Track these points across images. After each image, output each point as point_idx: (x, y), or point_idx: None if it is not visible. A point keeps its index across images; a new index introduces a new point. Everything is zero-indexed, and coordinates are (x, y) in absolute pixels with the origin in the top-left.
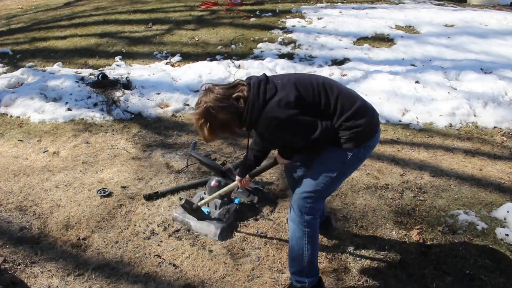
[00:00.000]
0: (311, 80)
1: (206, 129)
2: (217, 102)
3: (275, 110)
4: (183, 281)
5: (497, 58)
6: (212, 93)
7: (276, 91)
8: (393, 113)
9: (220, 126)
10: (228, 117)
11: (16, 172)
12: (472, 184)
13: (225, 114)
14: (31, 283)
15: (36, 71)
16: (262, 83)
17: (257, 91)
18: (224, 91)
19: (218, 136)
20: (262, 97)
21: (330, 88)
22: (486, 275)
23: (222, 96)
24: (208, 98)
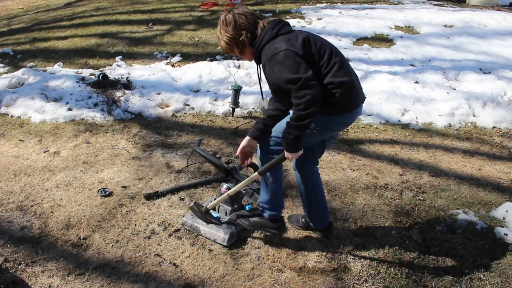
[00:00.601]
0: (322, 40)
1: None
2: (241, 12)
3: (281, 43)
4: (183, 281)
5: (496, 58)
6: (240, 8)
7: (289, 31)
8: (392, 113)
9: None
10: (245, 25)
11: (17, 172)
12: (471, 184)
13: (243, 21)
14: (32, 283)
15: (37, 71)
16: (281, 23)
17: (273, 25)
18: (250, 11)
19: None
20: (276, 30)
21: (335, 53)
22: (485, 274)
23: (247, 12)
24: (236, 10)
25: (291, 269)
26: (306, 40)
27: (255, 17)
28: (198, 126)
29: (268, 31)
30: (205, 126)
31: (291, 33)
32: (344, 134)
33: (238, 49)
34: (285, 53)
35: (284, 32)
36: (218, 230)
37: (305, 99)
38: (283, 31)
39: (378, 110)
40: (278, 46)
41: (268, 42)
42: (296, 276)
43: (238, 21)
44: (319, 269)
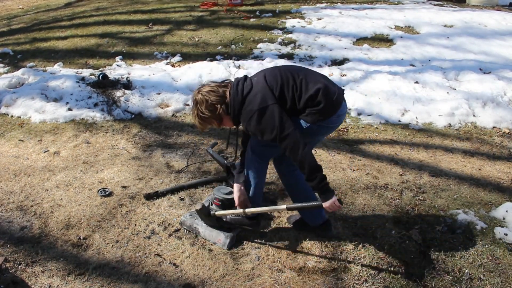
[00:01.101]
0: (279, 69)
1: (198, 111)
2: (209, 89)
3: (251, 104)
4: (183, 281)
5: (496, 58)
6: (206, 86)
7: (251, 87)
8: (392, 113)
9: (208, 108)
10: (217, 100)
11: (17, 172)
12: (471, 184)
13: (214, 97)
14: (32, 283)
15: (37, 71)
16: (240, 82)
17: (236, 89)
18: (216, 84)
19: (208, 122)
20: (240, 93)
21: (297, 72)
22: (485, 274)
23: (214, 87)
24: (203, 88)
25: (291, 269)
26: (270, 84)
27: (223, 87)
28: None
29: (234, 97)
30: None
31: (253, 88)
32: (344, 134)
33: (216, 121)
34: (258, 113)
35: (248, 91)
36: (219, 233)
37: (288, 150)
38: (247, 90)
39: (378, 110)
40: (251, 108)
41: (240, 107)
42: (296, 276)
43: (209, 99)
44: (319, 269)
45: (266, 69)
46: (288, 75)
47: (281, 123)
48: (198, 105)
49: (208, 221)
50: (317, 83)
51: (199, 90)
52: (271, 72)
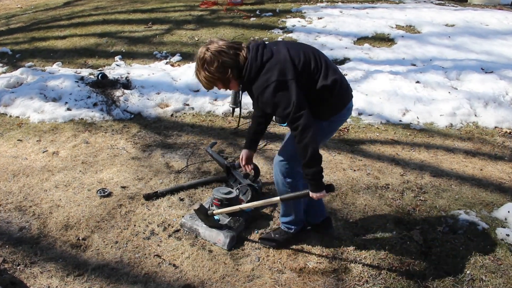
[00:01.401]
0: (303, 47)
1: (206, 71)
2: (220, 48)
3: (270, 72)
4: (183, 281)
5: (498, 58)
6: (215, 43)
7: (271, 55)
8: (393, 113)
9: (218, 70)
10: (228, 63)
11: (16, 172)
12: (472, 184)
13: (226, 58)
14: (30, 283)
15: (36, 71)
16: (260, 47)
17: (255, 53)
18: (226, 44)
19: (214, 83)
20: (259, 58)
21: (319, 56)
22: (487, 275)
23: (224, 47)
24: (211, 45)
25: (291, 270)
26: (293, 58)
27: (235, 49)
28: (198, 126)
29: (252, 62)
30: (205, 126)
31: (274, 56)
32: (344, 134)
33: (222, 85)
34: (276, 84)
35: (268, 58)
36: (219, 233)
37: (299, 130)
38: (267, 57)
39: (379, 110)
40: (268, 77)
41: (257, 73)
42: (297, 277)
43: (221, 60)
44: (319, 269)
45: (287, 41)
46: (311, 56)
47: (298, 101)
48: (206, 65)
49: (207, 221)
50: (335, 73)
51: (207, 48)
52: (294, 46)
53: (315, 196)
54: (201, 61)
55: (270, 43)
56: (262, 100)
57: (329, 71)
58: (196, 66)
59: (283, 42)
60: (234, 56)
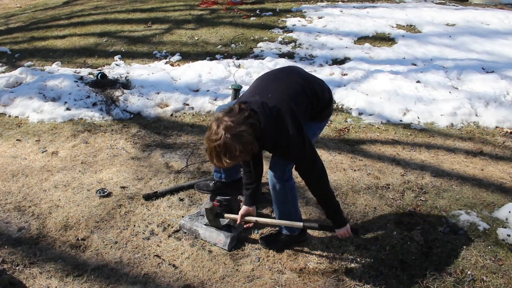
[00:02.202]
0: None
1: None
2: (238, 129)
3: (284, 128)
4: (182, 282)
5: (499, 57)
6: (225, 122)
7: (278, 109)
8: (394, 113)
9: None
10: (251, 140)
11: (15, 172)
12: (473, 184)
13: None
14: (29, 284)
15: (35, 70)
16: (265, 106)
17: (265, 116)
18: (236, 119)
19: (239, 160)
20: (272, 120)
21: (308, 81)
22: (488, 276)
23: (240, 124)
24: (225, 126)
25: (291, 270)
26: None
27: (247, 121)
28: (198, 126)
29: (266, 128)
30: (205, 126)
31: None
32: (345, 134)
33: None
34: (294, 137)
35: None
36: (219, 234)
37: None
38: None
39: (379, 110)
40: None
41: (273, 133)
42: (297, 277)
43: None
44: (320, 270)
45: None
46: (304, 86)
47: (311, 148)
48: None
49: (214, 222)
50: (324, 91)
51: (226, 130)
52: (287, 83)
53: (340, 233)
54: (222, 147)
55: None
56: (280, 151)
57: (319, 94)
58: (214, 152)
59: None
60: (252, 129)
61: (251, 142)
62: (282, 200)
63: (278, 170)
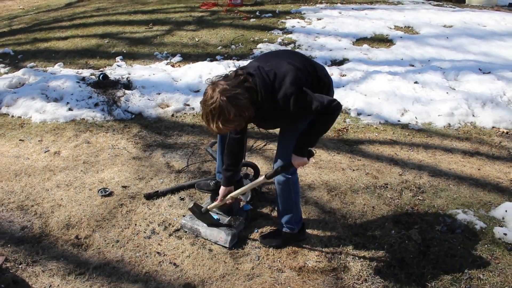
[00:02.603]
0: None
1: (228, 118)
2: (234, 91)
3: (284, 89)
4: (183, 280)
5: (495, 58)
6: (221, 85)
7: (275, 74)
8: (392, 113)
9: (240, 112)
10: (246, 104)
11: (18, 171)
12: (470, 184)
13: (244, 100)
14: (32, 282)
15: (37, 71)
16: (261, 69)
17: (262, 78)
18: (234, 84)
19: (235, 126)
20: (268, 81)
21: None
22: (485, 274)
23: (235, 87)
24: (220, 89)
25: (291, 268)
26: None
27: (241, 82)
28: (198, 126)
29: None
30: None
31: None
32: (343, 134)
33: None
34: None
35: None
36: (220, 232)
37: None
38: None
39: (377, 110)
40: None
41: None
42: (296, 275)
43: (239, 103)
44: (319, 268)
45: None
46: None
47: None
48: (227, 112)
49: (204, 219)
50: (323, 72)
51: (221, 93)
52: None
53: (297, 162)
54: (216, 110)
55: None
56: (292, 110)
57: (318, 71)
58: (209, 115)
59: (273, 55)
60: (247, 93)
61: (247, 107)
62: (286, 194)
63: (281, 163)
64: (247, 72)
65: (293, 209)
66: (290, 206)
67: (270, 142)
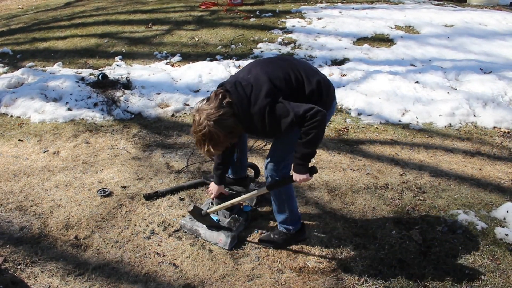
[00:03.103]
0: (277, 61)
1: (219, 141)
2: (217, 115)
3: (259, 102)
4: (183, 281)
5: (496, 58)
6: (203, 110)
7: (252, 87)
8: (392, 113)
9: (229, 131)
10: (232, 123)
11: (17, 172)
12: (471, 184)
13: (229, 121)
14: (31, 283)
15: (36, 71)
16: (237, 84)
17: (237, 93)
18: (214, 106)
19: (228, 143)
20: (244, 95)
21: (294, 65)
22: (486, 275)
23: (217, 110)
24: (204, 115)
25: (291, 269)
26: (272, 80)
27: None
28: None
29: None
30: None
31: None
32: (344, 134)
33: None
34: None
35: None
36: (220, 233)
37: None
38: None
39: (378, 110)
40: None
41: (249, 110)
42: (296, 276)
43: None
44: (319, 269)
45: (259, 62)
46: (288, 69)
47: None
48: (216, 135)
49: (204, 221)
50: (316, 74)
51: (207, 118)
52: (269, 66)
53: (299, 179)
54: (206, 136)
55: (244, 72)
56: (267, 124)
57: (309, 76)
58: (201, 142)
59: (256, 64)
60: (231, 109)
61: (234, 125)
62: (276, 196)
63: (271, 168)
64: (225, 89)
65: (286, 210)
66: (283, 208)
67: (270, 141)
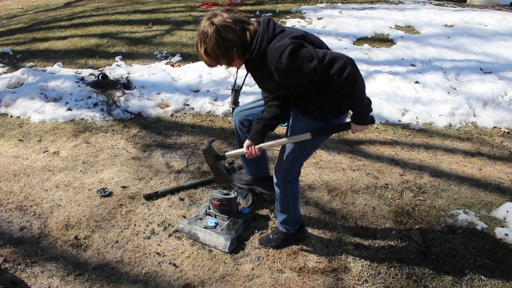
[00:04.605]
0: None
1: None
2: (225, 23)
3: (283, 40)
4: (183, 281)
5: (496, 58)
6: (220, 16)
7: (283, 29)
8: (393, 113)
9: (222, 47)
10: (233, 40)
11: (17, 172)
12: (471, 184)
13: (232, 35)
14: (31, 283)
15: (36, 71)
16: (271, 21)
17: (267, 25)
18: (233, 18)
19: (216, 60)
20: (271, 31)
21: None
22: (486, 275)
23: (231, 22)
24: (216, 18)
25: (291, 269)
26: (306, 35)
27: (242, 23)
28: (198, 126)
29: (263, 34)
30: (205, 126)
31: (286, 30)
32: (344, 134)
33: (226, 62)
34: (293, 46)
35: (280, 31)
36: (219, 236)
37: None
38: (279, 30)
39: (378, 110)
40: (282, 43)
41: (268, 45)
42: (296, 276)
43: (225, 36)
44: (319, 269)
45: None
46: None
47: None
48: (209, 40)
49: (214, 166)
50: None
51: (211, 21)
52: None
53: (355, 129)
54: (203, 35)
55: None
56: (281, 71)
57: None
58: (197, 40)
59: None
60: (241, 32)
61: (231, 46)
62: (284, 199)
63: (281, 171)
64: (257, 21)
65: (289, 212)
66: (287, 210)
67: None
